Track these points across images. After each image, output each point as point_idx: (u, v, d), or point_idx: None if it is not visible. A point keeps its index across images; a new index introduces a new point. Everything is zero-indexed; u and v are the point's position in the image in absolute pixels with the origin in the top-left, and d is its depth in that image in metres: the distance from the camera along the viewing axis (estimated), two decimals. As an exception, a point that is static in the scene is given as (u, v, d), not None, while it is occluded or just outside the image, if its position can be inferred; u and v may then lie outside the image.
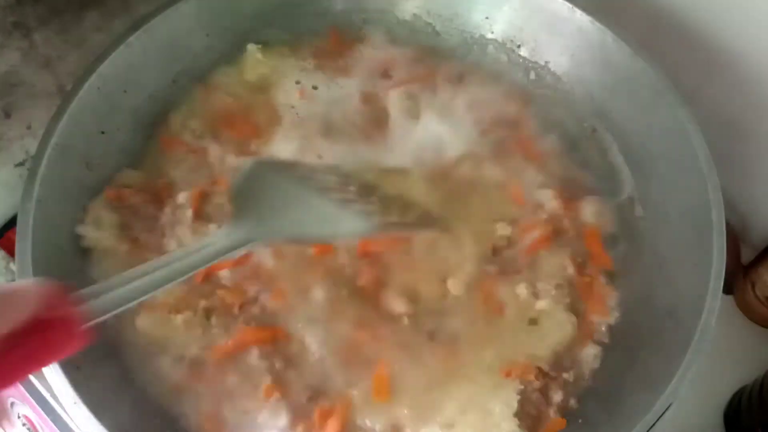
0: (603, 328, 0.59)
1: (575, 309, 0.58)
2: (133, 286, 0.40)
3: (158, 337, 0.56)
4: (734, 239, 0.73)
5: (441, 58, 0.71)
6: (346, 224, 0.51)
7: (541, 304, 0.58)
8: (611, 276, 0.61)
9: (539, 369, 0.55)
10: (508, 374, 0.55)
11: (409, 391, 0.55)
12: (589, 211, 0.63)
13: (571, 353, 0.57)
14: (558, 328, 0.57)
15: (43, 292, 0.36)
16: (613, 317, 0.59)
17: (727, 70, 0.66)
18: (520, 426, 0.53)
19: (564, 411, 0.55)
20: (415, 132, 0.65)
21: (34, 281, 0.37)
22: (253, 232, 0.47)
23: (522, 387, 0.54)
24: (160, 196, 0.62)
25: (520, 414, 0.54)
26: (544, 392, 0.55)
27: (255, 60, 0.69)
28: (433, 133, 0.65)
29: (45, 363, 0.37)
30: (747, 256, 0.74)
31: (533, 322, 0.57)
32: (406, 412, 0.54)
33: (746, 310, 0.72)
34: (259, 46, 0.69)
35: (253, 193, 0.50)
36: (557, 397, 0.55)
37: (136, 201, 0.61)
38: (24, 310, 0.35)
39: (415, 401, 0.54)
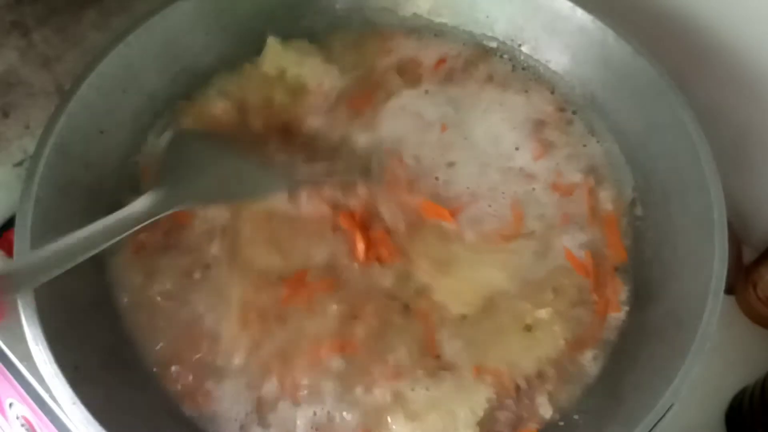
0: (612, 325, 0.58)
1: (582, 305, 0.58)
2: (56, 256, 0.43)
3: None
4: (736, 240, 0.73)
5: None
6: (267, 182, 0.54)
7: (541, 313, 0.57)
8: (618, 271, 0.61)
9: (516, 383, 0.55)
10: (477, 372, 0.54)
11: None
12: (607, 197, 0.63)
13: (557, 366, 0.57)
14: (551, 341, 0.57)
15: None
16: (623, 312, 0.59)
17: (729, 70, 0.66)
18: None
19: (545, 423, 0.55)
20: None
21: None
22: (175, 196, 0.49)
23: (494, 396, 0.54)
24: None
25: (486, 423, 0.54)
26: (523, 402, 0.55)
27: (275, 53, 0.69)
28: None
29: None
30: (748, 256, 0.74)
31: (528, 329, 0.57)
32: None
33: (748, 310, 0.72)
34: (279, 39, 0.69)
35: (177, 160, 0.53)
36: (543, 409, 0.55)
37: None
38: None
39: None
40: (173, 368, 0.56)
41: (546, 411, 0.55)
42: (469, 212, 0.62)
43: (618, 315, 0.59)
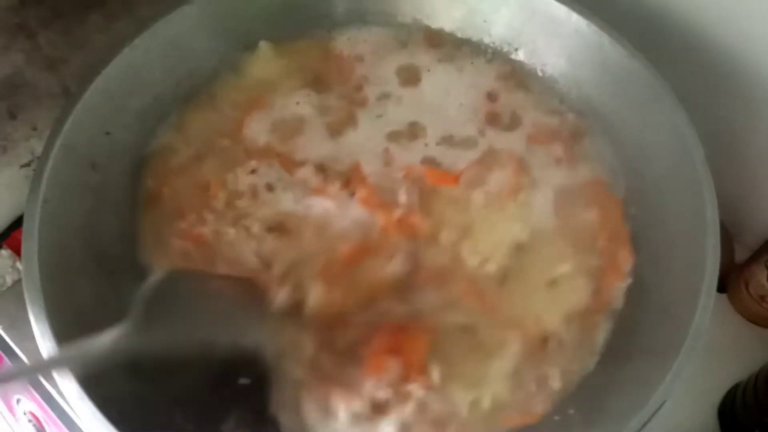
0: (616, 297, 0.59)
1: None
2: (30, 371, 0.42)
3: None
4: (728, 238, 0.74)
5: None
6: (245, 333, 0.51)
7: (565, 267, 0.58)
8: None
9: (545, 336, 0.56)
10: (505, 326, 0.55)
11: None
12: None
13: (581, 323, 0.58)
14: (575, 293, 0.58)
15: None
16: (626, 282, 0.60)
17: (723, 72, 0.67)
18: (510, 392, 0.54)
19: (554, 400, 0.56)
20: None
21: None
22: (149, 339, 0.46)
23: (523, 351, 0.55)
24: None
25: (515, 380, 0.55)
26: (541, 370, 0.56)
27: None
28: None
29: None
30: (741, 255, 0.75)
31: (552, 283, 0.58)
32: None
33: (740, 308, 0.73)
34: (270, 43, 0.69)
35: (163, 299, 0.49)
36: (554, 381, 0.56)
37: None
38: None
39: None
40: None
41: (556, 383, 0.56)
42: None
43: (630, 281, 0.60)
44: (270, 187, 0.63)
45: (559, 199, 0.63)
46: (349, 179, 0.63)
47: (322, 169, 0.64)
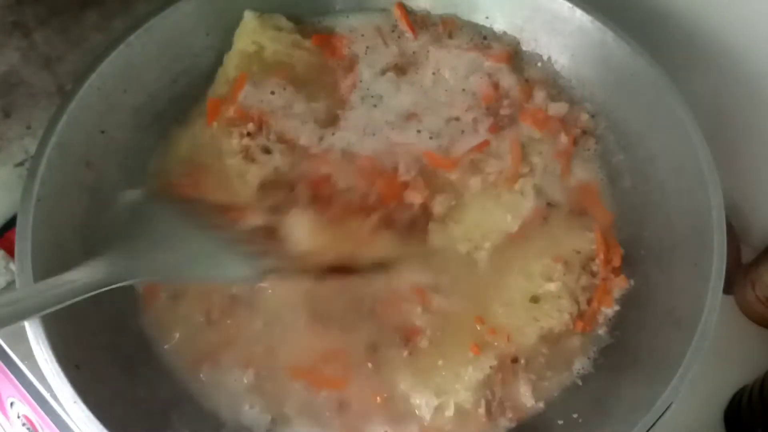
0: (603, 320, 0.59)
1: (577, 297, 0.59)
2: None
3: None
4: (734, 239, 0.74)
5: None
6: (229, 268, 0.49)
7: (551, 286, 0.58)
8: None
9: (516, 354, 0.56)
10: (478, 350, 0.55)
11: None
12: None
13: (557, 347, 0.58)
14: (556, 313, 0.57)
15: None
16: (613, 310, 0.59)
17: (728, 70, 0.66)
18: (477, 400, 0.54)
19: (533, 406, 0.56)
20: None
21: None
22: (130, 266, 0.44)
23: (496, 362, 0.55)
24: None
25: (483, 390, 0.55)
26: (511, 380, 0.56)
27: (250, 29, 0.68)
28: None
29: None
30: (747, 256, 0.74)
31: (534, 300, 0.58)
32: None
33: (746, 310, 0.72)
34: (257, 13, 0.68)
35: (134, 227, 0.47)
36: (524, 391, 0.56)
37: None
38: None
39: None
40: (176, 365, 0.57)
41: (528, 400, 0.56)
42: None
43: (618, 309, 0.59)
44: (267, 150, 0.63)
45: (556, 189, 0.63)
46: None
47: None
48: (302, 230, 0.55)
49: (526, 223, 0.60)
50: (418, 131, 0.65)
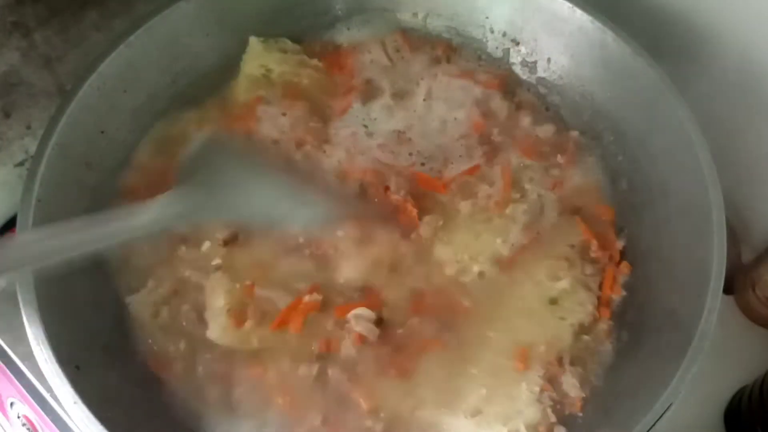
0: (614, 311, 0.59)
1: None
2: (53, 244, 0.39)
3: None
4: (734, 239, 0.73)
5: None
6: (296, 213, 0.50)
7: (562, 284, 0.58)
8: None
9: (559, 355, 0.56)
10: (524, 366, 0.55)
11: (431, 376, 0.55)
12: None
13: (592, 334, 0.58)
14: (579, 307, 0.57)
15: None
16: (621, 295, 0.60)
17: (728, 70, 0.66)
18: (543, 411, 0.53)
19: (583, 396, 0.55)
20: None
21: None
22: (197, 206, 0.44)
23: (544, 371, 0.55)
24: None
25: (543, 398, 0.54)
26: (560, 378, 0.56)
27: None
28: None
29: None
30: (747, 256, 0.74)
31: (553, 301, 0.58)
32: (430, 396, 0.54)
33: (746, 310, 0.72)
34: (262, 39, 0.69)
35: (205, 166, 0.47)
36: (573, 381, 0.55)
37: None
38: None
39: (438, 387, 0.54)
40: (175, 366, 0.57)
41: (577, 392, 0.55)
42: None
43: (625, 294, 0.60)
44: None
45: (548, 214, 0.62)
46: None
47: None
48: None
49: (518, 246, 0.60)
50: (410, 154, 0.65)
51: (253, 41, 0.68)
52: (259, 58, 0.68)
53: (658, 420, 0.48)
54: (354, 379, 0.55)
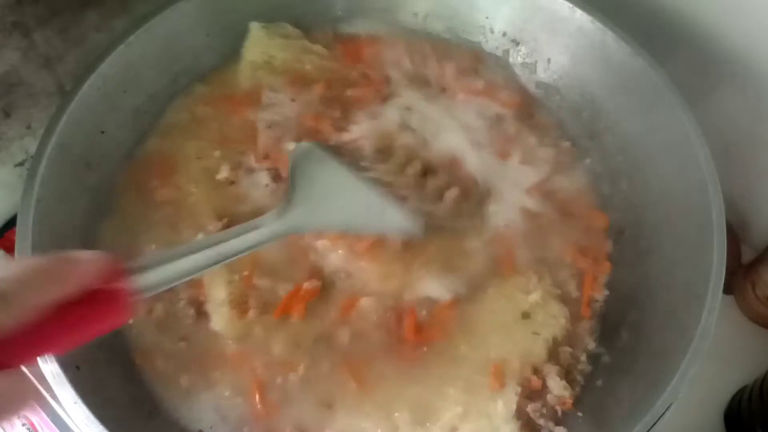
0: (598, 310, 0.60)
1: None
2: (183, 264, 0.41)
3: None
4: (734, 239, 0.73)
5: (442, 57, 0.71)
6: (394, 220, 0.52)
7: (534, 297, 0.57)
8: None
9: (535, 368, 0.55)
10: (500, 385, 0.54)
11: (407, 395, 0.54)
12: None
13: (568, 345, 0.57)
14: (552, 320, 0.57)
15: (99, 263, 0.36)
16: (602, 295, 0.60)
17: (727, 70, 0.66)
18: (521, 427, 0.53)
19: (565, 409, 0.55)
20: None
21: (92, 253, 0.37)
22: (304, 219, 0.47)
23: (520, 387, 0.54)
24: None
25: (519, 414, 0.53)
26: (544, 388, 0.55)
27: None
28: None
29: (93, 333, 0.37)
30: (747, 256, 0.74)
31: (526, 315, 0.57)
32: (405, 416, 0.54)
33: (746, 310, 0.72)
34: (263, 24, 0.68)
35: (308, 177, 0.50)
36: (557, 391, 0.55)
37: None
38: (81, 279, 0.35)
39: (413, 406, 0.54)
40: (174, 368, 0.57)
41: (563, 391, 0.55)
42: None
43: (608, 294, 0.60)
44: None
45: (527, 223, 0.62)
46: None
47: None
48: None
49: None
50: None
51: (254, 27, 0.68)
52: (261, 45, 0.67)
53: (658, 420, 0.48)
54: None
